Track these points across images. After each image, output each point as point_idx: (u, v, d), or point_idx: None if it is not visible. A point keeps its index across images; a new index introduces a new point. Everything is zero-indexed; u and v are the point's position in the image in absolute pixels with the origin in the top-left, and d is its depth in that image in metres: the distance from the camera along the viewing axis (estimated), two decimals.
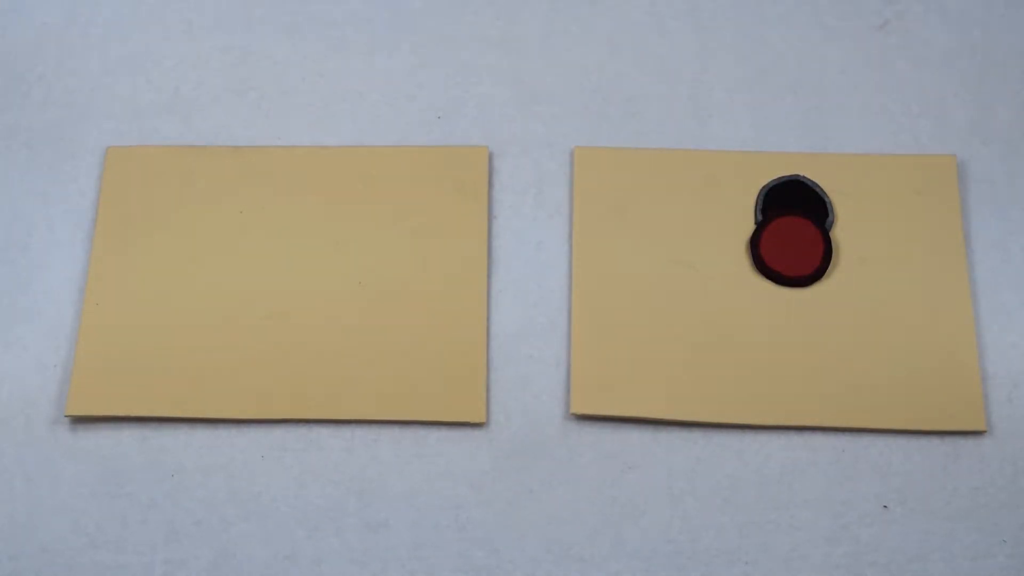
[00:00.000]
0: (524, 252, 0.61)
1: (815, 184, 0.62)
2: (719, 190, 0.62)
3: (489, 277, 0.60)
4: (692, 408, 0.57)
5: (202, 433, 0.58)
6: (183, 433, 0.58)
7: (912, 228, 0.61)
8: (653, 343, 0.58)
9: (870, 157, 0.63)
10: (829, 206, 0.61)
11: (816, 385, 0.58)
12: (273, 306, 0.59)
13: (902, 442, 0.57)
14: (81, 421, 0.58)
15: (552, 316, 0.60)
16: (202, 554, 0.56)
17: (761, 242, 0.60)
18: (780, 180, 0.62)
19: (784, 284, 0.60)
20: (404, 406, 0.58)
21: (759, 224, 0.61)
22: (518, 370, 0.59)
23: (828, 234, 0.60)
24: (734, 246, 0.61)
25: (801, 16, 0.67)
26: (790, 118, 0.64)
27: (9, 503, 0.57)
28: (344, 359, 0.58)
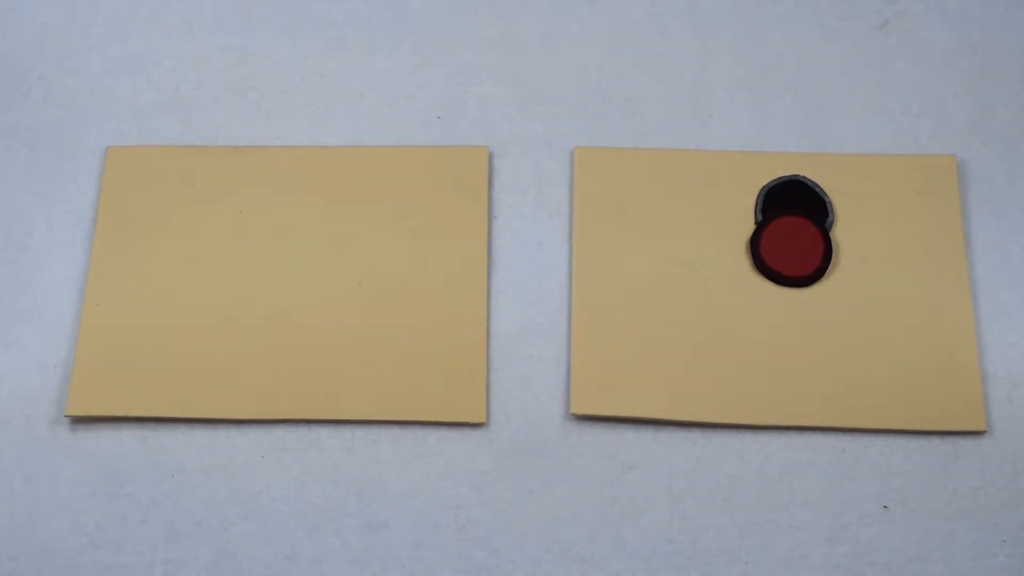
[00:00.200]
0: (524, 252, 0.61)
1: (815, 184, 0.62)
2: (719, 190, 0.62)
3: (489, 277, 0.60)
4: (692, 408, 0.57)
5: (202, 433, 0.58)
6: (183, 433, 0.58)
7: (912, 228, 0.61)
8: (653, 343, 0.58)
9: (870, 157, 0.62)
10: (829, 206, 0.61)
11: (816, 385, 0.58)
12: (273, 306, 0.59)
13: (902, 442, 0.57)
14: (81, 421, 0.58)
15: (552, 316, 0.60)
16: (202, 554, 0.56)
17: (761, 242, 0.60)
18: (780, 180, 0.62)
19: (784, 284, 0.60)
20: (404, 406, 0.58)
21: (759, 224, 0.61)
22: (518, 370, 0.59)
23: (828, 234, 0.60)
24: (734, 246, 0.61)
25: (801, 16, 0.67)
26: (790, 118, 0.64)
27: (9, 503, 0.57)
28: (344, 359, 0.58)
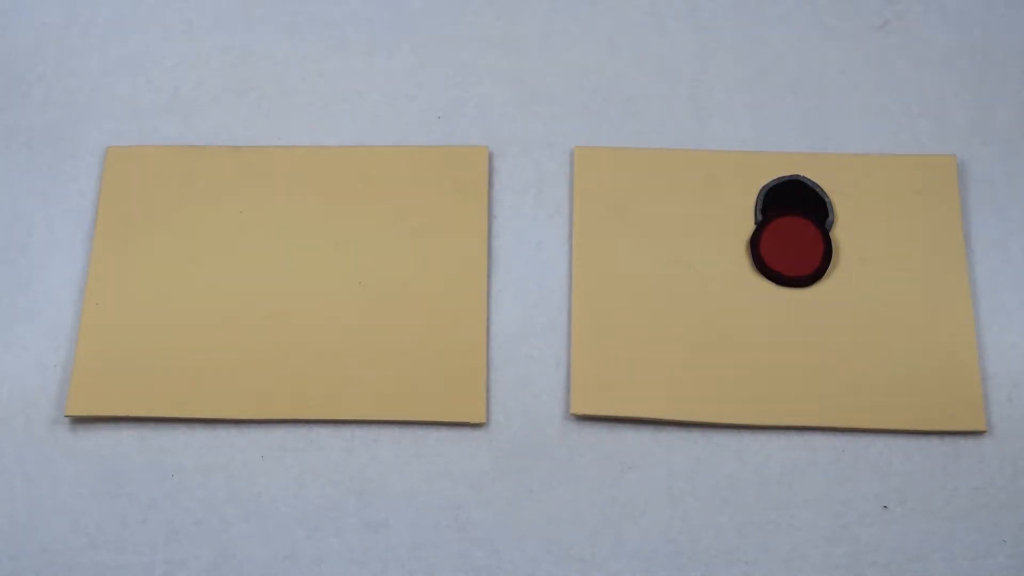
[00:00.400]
0: (524, 252, 0.61)
1: (815, 184, 0.61)
2: (719, 190, 0.62)
3: (489, 277, 0.60)
4: (692, 408, 0.57)
5: (202, 433, 0.58)
6: (183, 433, 0.58)
7: (912, 228, 0.61)
8: (653, 343, 0.58)
9: (870, 157, 0.62)
10: (829, 206, 0.61)
11: (816, 385, 0.58)
12: (273, 306, 0.59)
13: (902, 442, 0.57)
14: (81, 421, 0.58)
15: (552, 316, 0.60)
16: (202, 554, 0.56)
17: (761, 242, 0.60)
18: (780, 180, 0.62)
19: (784, 284, 0.60)
20: (404, 406, 0.58)
21: (759, 224, 0.61)
22: (518, 370, 0.59)
23: (828, 234, 0.60)
24: (734, 246, 0.61)
25: (801, 16, 0.67)
26: (790, 118, 0.64)
27: (9, 503, 0.57)
28: (344, 359, 0.58)
